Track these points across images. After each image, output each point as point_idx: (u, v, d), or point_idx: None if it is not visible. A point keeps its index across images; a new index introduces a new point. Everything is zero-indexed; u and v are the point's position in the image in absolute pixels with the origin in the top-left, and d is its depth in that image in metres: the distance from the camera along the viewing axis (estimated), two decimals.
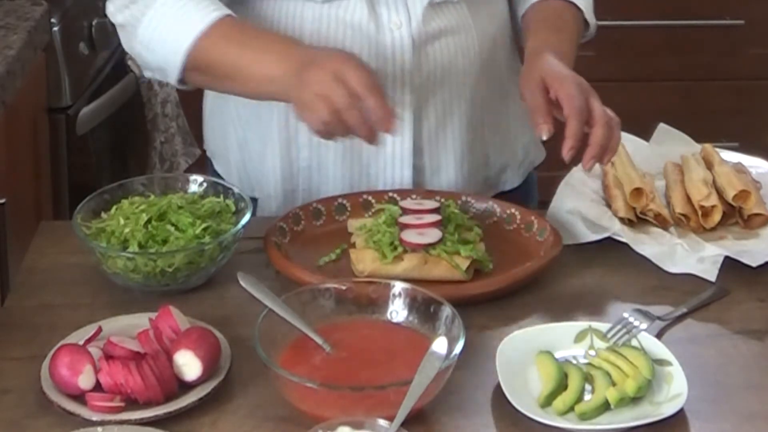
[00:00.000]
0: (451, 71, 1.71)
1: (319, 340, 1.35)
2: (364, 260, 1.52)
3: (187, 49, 1.58)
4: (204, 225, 1.52)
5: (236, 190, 1.60)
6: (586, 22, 1.78)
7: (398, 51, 1.67)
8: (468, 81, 1.73)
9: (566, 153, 1.49)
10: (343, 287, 1.41)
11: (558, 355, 1.37)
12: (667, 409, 1.28)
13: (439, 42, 1.69)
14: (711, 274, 1.53)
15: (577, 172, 1.73)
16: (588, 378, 1.34)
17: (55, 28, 2.35)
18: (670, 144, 1.84)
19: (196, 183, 1.63)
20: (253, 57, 1.55)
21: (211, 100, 1.89)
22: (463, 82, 1.73)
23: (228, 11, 1.59)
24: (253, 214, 1.61)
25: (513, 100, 1.79)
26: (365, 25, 1.66)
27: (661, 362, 1.35)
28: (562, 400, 1.30)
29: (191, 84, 1.65)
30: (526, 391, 1.32)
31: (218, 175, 1.85)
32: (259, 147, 1.76)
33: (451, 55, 1.71)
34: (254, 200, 1.78)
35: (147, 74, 1.71)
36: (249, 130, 1.78)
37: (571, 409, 1.29)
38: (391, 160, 1.72)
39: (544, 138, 1.52)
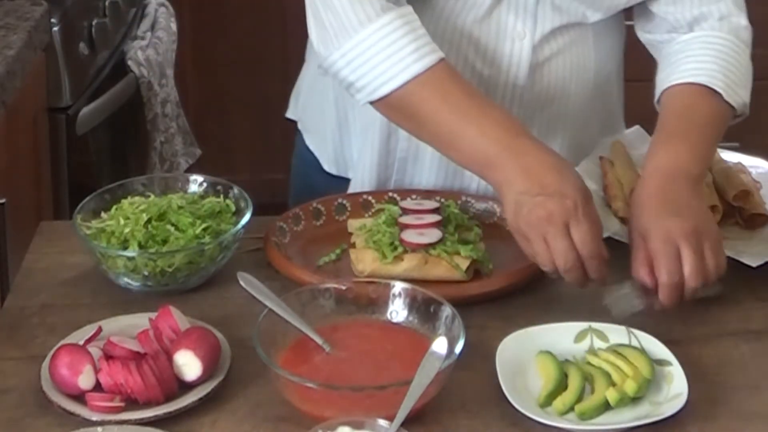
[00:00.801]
0: (564, 91, 1.69)
1: (319, 340, 1.35)
2: (364, 260, 1.52)
3: (395, 85, 1.49)
4: (204, 225, 1.52)
5: (236, 190, 1.60)
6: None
7: (515, 62, 1.64)
8: (577, 104, 1.71)
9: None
10: (343, 287, 1.41)
11: (558, 355, 1.37)
12: (667, 409, 1.28)
13: (557, 61, 1.67)
14: None
15: (576, 172, 1.73)
16: (588, 378, 1.34)
17: (55, 28, 2.35)
18: None
19: (196, 183, 1.63)
20: (467, 129, 1.47)
21: (311, 75, 1.84)
22: (573, 103, 1.71)
23: (440, 53, 1.51)
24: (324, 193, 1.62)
25: (612, 122, 1.80)
26: (485, 29, 1.63)
27: (661, 362, 1.35)
28: (562, 400, 1.30)
29: (379, 110, 1.56)
30: (526, 391, 1.32)
31: (309, 150, 1.85)
32: (359, 132, 1.75)
33: (567, 75, 1.69)
34: (347, 180, 1.78)
35: (328, 77, 1.64)
36: (351, 113, 1.77)
37: (571, 409, 1.29)
38: None
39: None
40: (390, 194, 1.67)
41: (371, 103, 1.54)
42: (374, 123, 1.71)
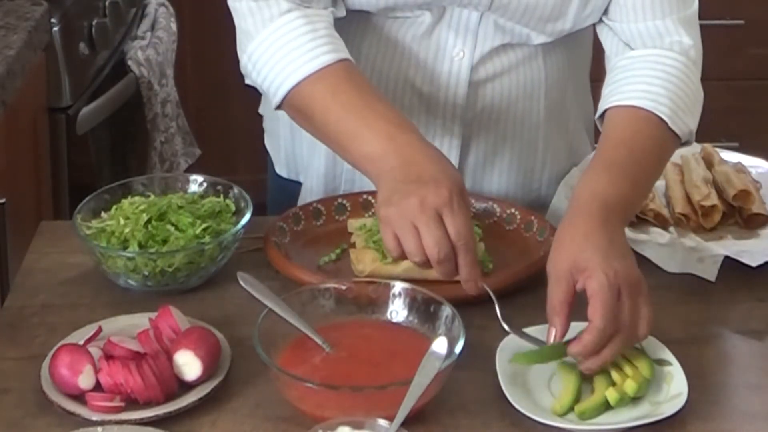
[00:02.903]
0: (509, 112, 1.67)
1: (319, 340, 1.35)
2: (364, 260, 1.52)
3: (291, 85, 1.49)
4: (204, 225, 1.52)
5: (236, 190, 1.60)
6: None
7: (453, 81, 1.63)
8: (527, 124, 1.69)
9: (549, 340, 1.32)
10: (343, 287, 1.41)
11: None
12: (667, 409, 1.28)
13: (501, 80, 1.65)
14: (711, 274, 1.53)
15: (577, 172, 1.73)
16: (588, 378, 1.34)
17: (55, 28, 2.35)
18: None
19: (196, 183, 1.63)
20: (354, 129, 1.45)
21: None
22: (520, 123, 1.69)
23: (342, 54, 1.50)
24: (296, 199, 1.61)
25: (579, 141, 1.77)
26: (425, 48, 1.62)
27: (661, 362, 1.35)
28: (560, 402, 1.30)
29: (287, 113, 1.56)
30: (526, 391, 1.32)
31: (267, 151, 1.86)
32: (309, 138, 1.75)
33: (512, 95, 1.66)
34: (298, 184, 1.78)
35: (248, 82, 1.62)
36: None
37: (570, 409, 1.29)
38: None
39: (550, 340, 1.32)
40: None
41: (279, 107, 1.53)
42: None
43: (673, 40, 1.58)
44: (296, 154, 1.80)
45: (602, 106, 1.57)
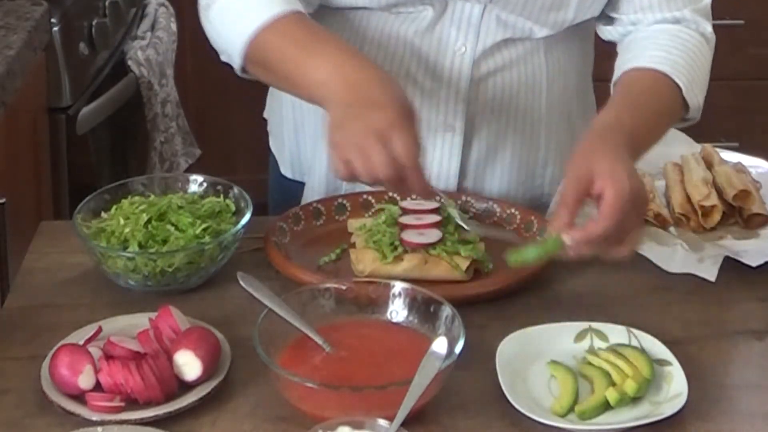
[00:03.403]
0: (511, 106, 1.67)
1: (319, 340, 1.35)
2: (364, 260, 1.52)
3: (248, 40, 1.50)
4: (204, 225, 1.52)
5: (236, 190, 1.60)
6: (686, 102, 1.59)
7: (455, 76, 1.64)
8: (528, 119, 1.70)
9: (552, 230, 1.38)
10: (343, 287, 1.41)
11: (558, 355, 1.37)
12: (667, 409, 1.28)
13: (503, 75, 1.66)
14: (711, 274, 1.53)
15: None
16: (587, 378, 1.34)
17: (55, 28, 2.35)
18: (670, 144, 1.83)
19: (196, 183, 1.63)
20: (304, 59, 1.45)
21: None
22: (522, 119, 1.69)
23: (296, 7, 1.51)
24: (299, 200, 1.62)
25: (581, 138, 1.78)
26: (427, 43, 1.63)
27: (661, 362, 1.35)
28: (560, 403, 1.30)
29: (253, 76, 1.55)
30: (526, 391, 1.32)
31: (272, 152, 1.87)
32: (312, 139, 1.76)
33: (513, 90, 1.67)
34: (301, 184, 1.78)
35: (222, 58, 1.62)
36: (305, 119, 1.77)
37: (571, 409, 1.29)
38: (436, 178, 1.69)
39: (553, 230, 1.38)
40: (390, 194, 1.67)
41: (244, 71, 1.54)
42: (323, 131, 1.72)
43: (692, 22, 1.64)
44: (300, 154, 1.80)
45: (620, 69, 1.60)
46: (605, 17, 1.70)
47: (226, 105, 3.48)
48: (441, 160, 1.68)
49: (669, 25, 1.64)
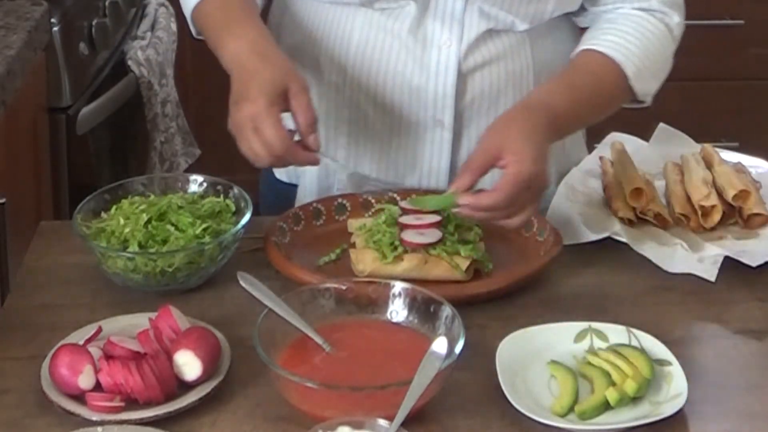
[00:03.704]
0: (499, 99, 1.68)
1: (319, 340, 1.35)
2: (364, 260, 1.52)
3: (192, 6, 1.64)
4: (204, 225, 1.52)
5: (236, 190, 1.60)
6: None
7: (442, 71, 1.65)
8: None
9: (451, 188, 1.49)
10: (343, 287, 1.41)
11: (558, 355, 1.37)
12: (667, 409, 1.28)
13: (489, 69, 1.67)
14: (711, 274, 1.53)
15: (576, 172, 1.73)
16: (587, 378, 1.34)
17: (55, 28, 2.35)
18: (670, 144, 1.84)
19: (196, 183, 1.63)
20: (224, 36, 1.58)
21: None
22: None
23: None
24: (292, 201, 1.64)
25: (569, 138, 1.77)
26: (413, 38, 1.64)
27: (661, 362, 1.35)
28: (560, 403, 1.30)
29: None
30: (526, 391, 1.32)
31: None
32: None
33: (501, 84, 1.68)
34: (295, 187, 1.79)
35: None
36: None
37: (571, 409, 1.29)
38: (427, 175, 1.71)
39: (449, 190, 1.49)
40: (390, 194, 1.67)
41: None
42: None
43: (660, 13, 1.67)
44: None
45: (580, 46, 1.66)
46: (581, 9, 1.72)
47: (226, 105, 3.47)
48: (431, 157, 1.69)
49: (635, 12, 1.67)
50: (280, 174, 1.84)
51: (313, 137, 1.50)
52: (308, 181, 1.77)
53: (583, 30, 1.74)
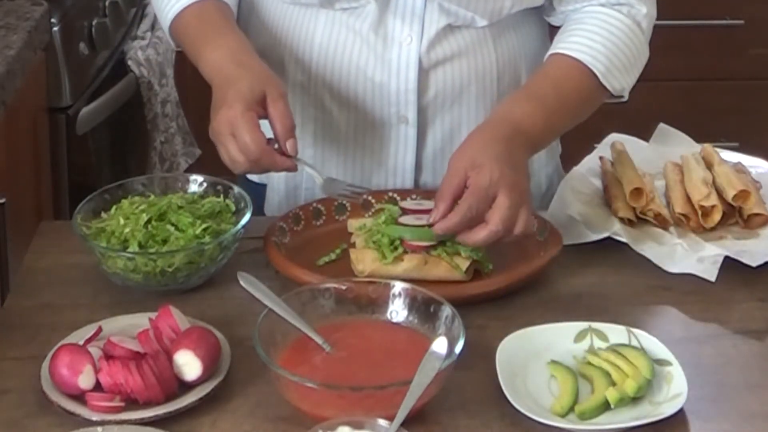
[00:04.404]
0: (462, 95, 1.69)
1: (319, 340, 1.35)
2: (364, 260, 1.52)
3: (172, 17, 1.65)
4: (204, 225, 1.52)
5: (236, 190, 1.60)
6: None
7: (403, 67, 1.66)
8: (482, 106, 1.71)
9: (430, 220, 1.48)
10: (343, 287, 1.41)
11: (558, 355, 1.37)
12: (667, 409, 1.28)
13: (452, 64, 1.67)
14: (711, 274, 1.53)
15: (576, 172, 1.73)
16: (587, 378, 1.34)
17: (55, 28, 2.35)
18: (670, 144, 1.84)
19: (196, 183, 1.63)
20: (204, 46, 1.59)
21: None
22: (475, 108, 1.71)
23: None
24: (262, 200, 1.63)
25: None
26: (374, 35, 1.65)
27: (661, 362, 1.35)
28: (560, 403, 1.30)
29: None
30: (526, 391, 1.32)
31: None
32: None
33: (464, 79, 1.69)
34: (264, 186, 1.80)
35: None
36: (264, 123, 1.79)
37: (571, 409, 1.29)
38: (392, 173, 1.72)
39: (431, 220, 1.48)
40: (390, 194, 1.67)
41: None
42: None
43: (627, 6, 1.66)
44: None
45: (549, 51, 1.66)
46: (550, 8, 1.72)
47: None
48: (396, 154, 1.70)
49: (600, 9, 1.66)
50: (251, 175, 1.85)
51: (290, 142, 1.50)
52: (275, 182, 1.78)
53: (553, 28, 1.75)
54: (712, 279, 1.53)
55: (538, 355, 1.37)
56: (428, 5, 1.64)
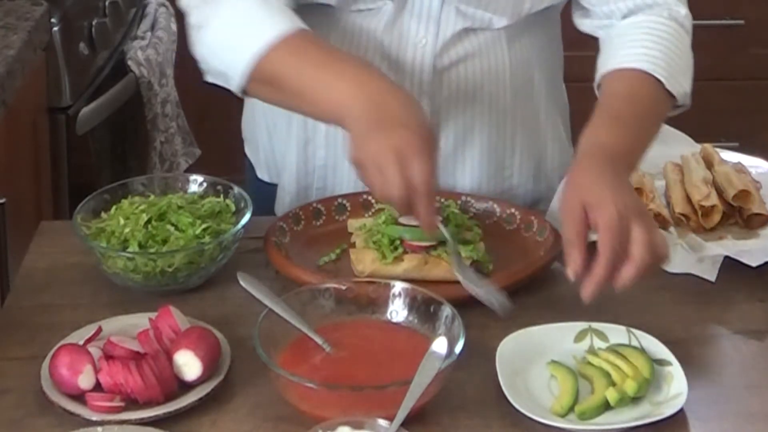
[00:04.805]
0: (476, 96, 1.68)
1: (319, 340, 1.35)
2: (364, 260, 1.52)
3: (255, 56, 1.47)
4: (204, 225, 1.52)
5: (236, 190, 1.60)
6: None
7: (417, 68, 1.65)
8: (495, 107, 1.70)
9: (571, 275, 1.37)
10: (343, 287, 1.41)
11: (558, 355, 1.37)
12: (667, 409, 1.28)
13: (465, 66, 1.66)
14: (711, 274, 1.53)
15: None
16: (587, 378, 1.34)
17: (55, 28, 2.35)
18: (670, 144, 1.83)
19: (196, 183, 1.63)
20: (327, 79, 1.45)
21: None
22: (488, 109, 1.70)
23: (301, 24, 1.50)
24: (272, 200, 1.62)
25: (551, 129, 1.77)
26: (388, 37, 1.64)
27: (661, 362, 1.35)
28: (560, 403, 1.30)
29: (253, 95, 1.55)
30: (526, 391, 1.32)
31: (247, 158, 1.90)
32: (283, 141, 1.77)
33: (477, 81, 1.67)
34: (274, 186, 1.80)
35: (208, 79, 1.60)
36: (277, 122, 1.79)
37: (571, 409, 1.29)
38: None
39: (571, 278, 1.36)
40: None
41: (245, 93, 1.53)
42: (292, 130, 1.74)
43: (665, 8, 1.64)
44: (275, 155, 1.81)
45: (599, 71, 1.61)
46: (580, 8, 1.71)
47: (226, 105, 3.47)
48: None
49: (641, 18, 1.64)
50: (262, 174, 1.85)
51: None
52: (287, 182, 1.77)
53: (566, 32, 1.73)
54: (712, 279, 1.53)
55: (538, 355, 1.37)
56: (445, 7, 1.63)
